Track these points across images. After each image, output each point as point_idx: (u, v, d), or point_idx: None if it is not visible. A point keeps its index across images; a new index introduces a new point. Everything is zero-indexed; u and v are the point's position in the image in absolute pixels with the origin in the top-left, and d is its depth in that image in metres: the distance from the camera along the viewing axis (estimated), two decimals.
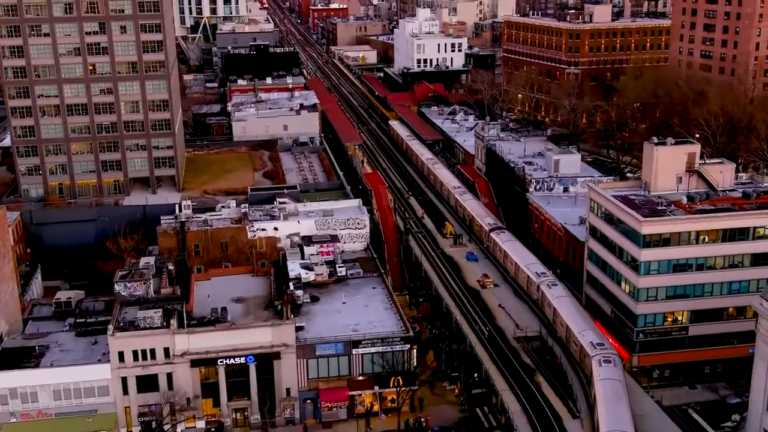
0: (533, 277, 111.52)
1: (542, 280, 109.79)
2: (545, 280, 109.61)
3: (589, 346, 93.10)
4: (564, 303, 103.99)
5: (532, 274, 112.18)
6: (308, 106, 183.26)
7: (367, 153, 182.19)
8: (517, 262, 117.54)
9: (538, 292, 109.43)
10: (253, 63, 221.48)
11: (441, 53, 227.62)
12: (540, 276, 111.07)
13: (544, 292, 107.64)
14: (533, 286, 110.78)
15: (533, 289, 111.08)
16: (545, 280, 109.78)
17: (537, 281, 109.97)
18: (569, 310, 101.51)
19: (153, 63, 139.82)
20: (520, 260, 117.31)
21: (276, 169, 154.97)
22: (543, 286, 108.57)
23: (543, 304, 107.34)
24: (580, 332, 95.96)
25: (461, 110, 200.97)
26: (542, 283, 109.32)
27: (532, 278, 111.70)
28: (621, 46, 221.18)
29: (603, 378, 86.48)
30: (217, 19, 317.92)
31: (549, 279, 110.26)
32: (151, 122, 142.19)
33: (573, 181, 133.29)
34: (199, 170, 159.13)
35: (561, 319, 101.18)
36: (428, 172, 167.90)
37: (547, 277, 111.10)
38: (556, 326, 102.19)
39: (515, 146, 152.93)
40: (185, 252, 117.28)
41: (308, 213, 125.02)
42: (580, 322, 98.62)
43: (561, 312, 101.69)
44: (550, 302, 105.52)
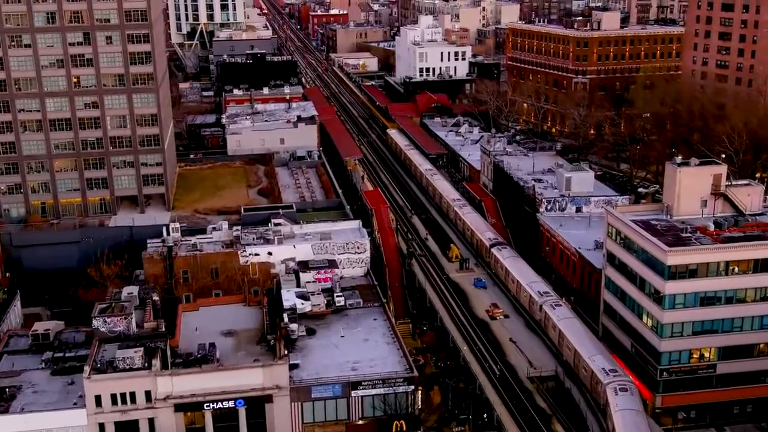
0: (536, 297, 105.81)
1: (545, 300, 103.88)
2: (548, 300, 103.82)
3: (602, 373, 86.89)
4: (570, 325, 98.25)
5: (534, 293, 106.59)
6: (306, 118, 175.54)
7: (368, 167, 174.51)
8: (519, 280, 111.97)
9: (540, 313, 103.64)
10: (250, 72, 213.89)
11: (444, 62, 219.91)
12: (543, 296, 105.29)
13: (547, 312, 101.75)
14: (536, 306, 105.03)
15: (535, 310, 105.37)
16: (548, 300, 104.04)
17: (539, 301, 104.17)
18: (577, 333, 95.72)
19: (141, 75, 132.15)
20: (522, 278, 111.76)
21: (271, 186, 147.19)
22: (546, 306, 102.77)
23: (547, 326, 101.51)
24: (590, 357, 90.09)
25: (465, 122, 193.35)
26: (545, 303, 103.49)
27: (534, 298, 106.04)
28: (630, 55, 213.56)
29: (621, 408, 79.86)
30: (215, 26, 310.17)
31: (552, 299, 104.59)
32: (139, 138, 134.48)
33: (586, 200, 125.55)
34: (191, 187, 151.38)
35: (568, 343, 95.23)
36: (427, 183, 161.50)
37: (551, 296, 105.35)
38: (563, 350, 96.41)
39: (524, 162, 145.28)
40: (173, 279, 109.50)
41: (305, 236, 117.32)
42: (589, 346, 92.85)
43: (568, 335, 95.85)
44: (554, 324, 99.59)
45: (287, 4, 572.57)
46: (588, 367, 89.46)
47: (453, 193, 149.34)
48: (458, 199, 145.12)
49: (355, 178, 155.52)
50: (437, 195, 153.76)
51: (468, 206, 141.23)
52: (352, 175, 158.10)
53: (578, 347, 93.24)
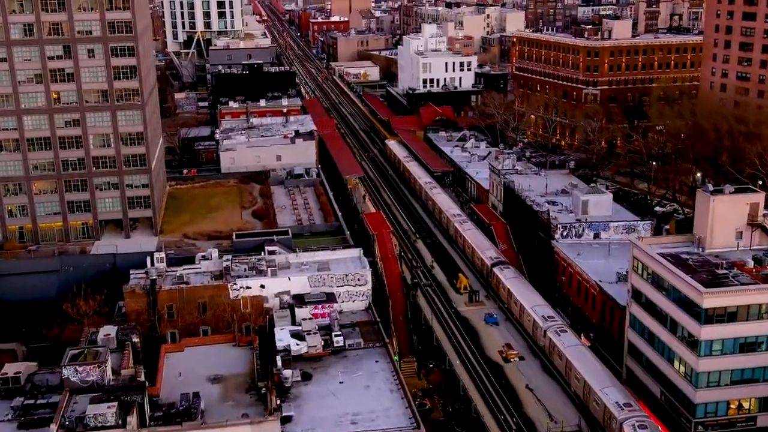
0: (539, 321, 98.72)
1: (550, 325, 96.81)
2: (553, 326, 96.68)
3: (615, 408, 79.23)
4: (578, 354, 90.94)
5: (538, 317, 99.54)
6: (304, 133, 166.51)
7: (369, 185, 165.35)
8: (522, 303, 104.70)
9: (545, 339, 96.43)
10: (246, 83, 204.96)
11: (449, 72, 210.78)
12: (547, 320, 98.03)
13: (552, 339, 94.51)
14: (539, 331, 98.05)
15: (539, 335, 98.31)
16: (553, 325, 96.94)
17: (544, 326, 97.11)
18: (586, 363, 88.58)
19: (126, 91, 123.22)
20: (526, 301, 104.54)
21: (266, 208, 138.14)
22: (551, 332, 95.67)
23: (551, 353, 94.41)
24: (601, 390, 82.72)
25: (471, 136, 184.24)
26: (550, 329, 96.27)
27: (538, 322, 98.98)
28: (643, 65, 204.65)
29: None
30: (212, 34, 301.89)
31: (558, 324, 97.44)
32: (124, 157, 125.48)
33: (605, 225, 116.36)
34: (181, 208, 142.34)
35: (576, 373, 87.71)
36: (426, 197, 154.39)
37: (556, 322, 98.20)
38: (571, 380, 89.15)
39: (535, 181, 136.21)
40: (156, 316, 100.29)
41: (301, 266, 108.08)
42: (600, 376, 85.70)
43: (576, 365, 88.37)
44: (560, 352, 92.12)
45: (287, 10, 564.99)
46: (600, 400, 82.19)
47: (453, 208, 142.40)
48: (458, 215, 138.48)
49: (356, 197, 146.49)
50: (437, 209, 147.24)
51: (468, 222, 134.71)
52: (353, 194, 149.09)
53: (588, 378, 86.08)
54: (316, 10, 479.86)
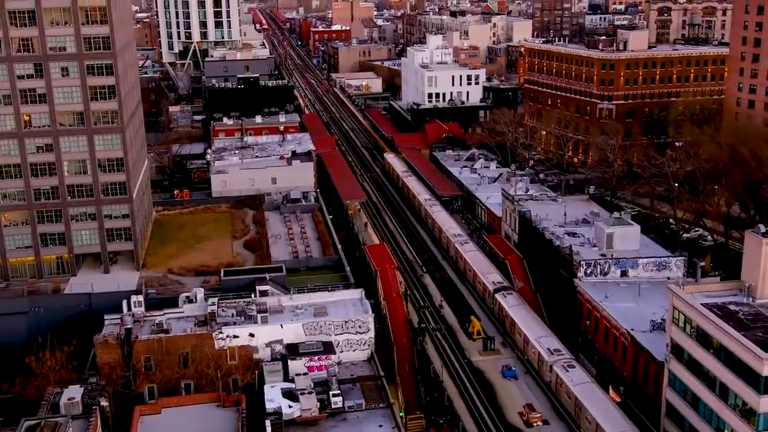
0: (545, 355, 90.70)
1: (556, 360, 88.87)
2: (560, 360, 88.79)
3: None
4: (589, 392, 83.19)
5: (543, 351, 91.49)
6: (302, 154, 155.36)
7: (371, 209, 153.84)
8: (526, 334, 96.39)
9: (551, 374, 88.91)
10: (241, 98, 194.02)
11: (455, 86, 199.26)
12: (554, 354, 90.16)
13: (559, 375, 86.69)
14: (545, 366, 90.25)
15: (545, 370, 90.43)
16: (560, 359, 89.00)
17: (549, 360, 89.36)
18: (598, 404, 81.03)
19: (104, 113, 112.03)
20: (530, 332, 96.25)
21: (259, 238, 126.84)
22: (557, 367, 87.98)
23: (559, 391, 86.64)
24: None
25: (481, 155, 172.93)
26: (556, 363, 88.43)
27: (543, 356, 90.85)
28: (661, 78, 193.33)
29: None
30: (208, 44, 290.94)
31: (565, 358, 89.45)
32: (102, 186, 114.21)
33: (633, 262, 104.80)
34: (167, 237, 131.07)
35: (587, 414, 79.76)
36: (426, 215, 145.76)
37: (563, 355, 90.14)
38: (581, 421, 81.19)
39: (552, 209, 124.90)
40: (131, 370, 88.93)
41: (295, 310, 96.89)
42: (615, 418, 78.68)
43: (587, 405, 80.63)
44: (569, 389, 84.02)
45: (288, 19, 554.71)
46: None
47: (454, 227, 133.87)
48: (459, 235, 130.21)
49: (357, 225, 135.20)
50: (436, 228, 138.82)
51: (469, 243, 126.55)
52: (354, 221, 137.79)
53: (602, 421, 77.85)
54: (317, 18, 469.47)
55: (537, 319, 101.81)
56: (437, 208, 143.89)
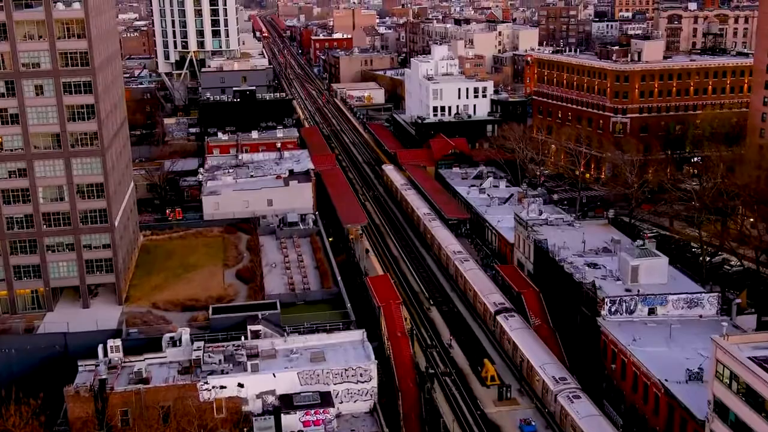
0: (550, 384, 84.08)
1: (561, 389, 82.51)
2: (565, 390, 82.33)
3: None
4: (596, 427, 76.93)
5: (548, 379, 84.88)
6: (300, 174, 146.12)
7: (374, 232, 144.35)
8: (529, 359, 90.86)
9: (555, 405, 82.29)
10: (237, 112, 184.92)
11: (462, 99, 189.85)
12: (559, 383, 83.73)
13: (564, 406, 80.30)
14: (549, 395, 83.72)
15: (550, 400, 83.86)
16: (565, 389, 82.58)
17: (554, 390, 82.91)
18: None
19: (82, 134, 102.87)
20: (534, 358, 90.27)
21: (253, 267, 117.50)
22: (562, 397, 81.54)
23: (564, 423, 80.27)
24: None
25: (489, 173, 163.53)
26: (561, 393, 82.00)
27: (548, 385, 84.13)
28: (678, 90, 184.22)
29: None
30: (206, 54, 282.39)
31: (571, 388, 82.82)
32: (81, 213, 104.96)
33: (662, 299, 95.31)
34: (154, 266, 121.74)
35: None
36: (425, 229, 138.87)
37: (569, 384, 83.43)
38: None
39: (569, 235, 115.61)
40: (105, 428, 79.45)
41: (289, 356, 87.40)
42: None
43: None
44: (574, 422, 77.56)
45: (289, 26, 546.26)
46: None
47: (454, 243, 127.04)
48: (459, 252, 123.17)
49: (358, 252, 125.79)
50: (435, 245, 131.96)
51: (470, 261, 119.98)
52: (354, 246, 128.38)
53: None
54: (318, 26, 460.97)
55: (541, 344, 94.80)
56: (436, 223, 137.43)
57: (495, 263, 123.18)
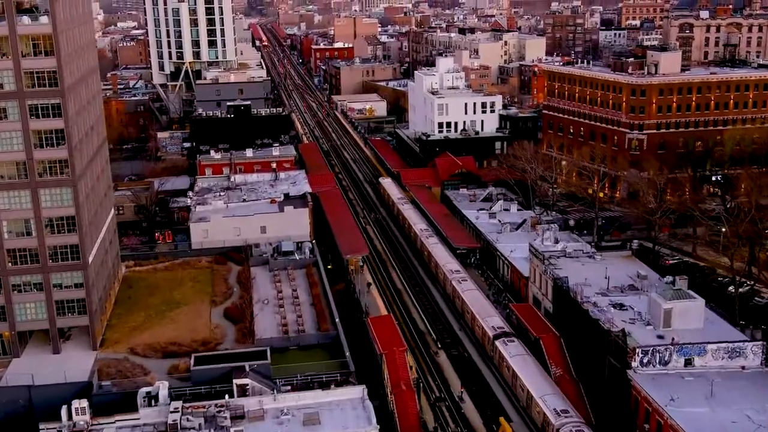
0: (551, 417, 78.33)
1: (564, 423, 77.07)
2: (568, 424, 76.78)
3: None
4: None
5: (549, 411, 79.01)
6: (296, 198, 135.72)
7: (375, 261, 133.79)
8: (529, 390, 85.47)
9: None
10: (231, 129, 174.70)
11: (469, 114, 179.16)
12: (561, 415, 78.13)
13: None
14: (550, 428, 77.94)
15: None
16: (568, 423, 77.14)
17: (556, 423, 77.41)
18: None
19: (51, 163, 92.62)
20: (535, 389, 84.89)
21: (243, 305, 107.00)
22: None
23: None
24: None
25: (499, 195, 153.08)
26: (563, 427, 77.36)
27: (549, 418, 78.28)
28: (698, 105, 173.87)
29: None
30: (201, 65, 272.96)
31: (573, 422, 78.10)
32: (50, 250, 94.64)
33: (700, 349, 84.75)
34: (135, 302, 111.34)
35: None
36: (421, 246, 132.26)
37: (571, 418, 78.71)
38: None
39: (590, 269, 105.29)
40: None
41: (279, 417, 76.98)
42: None
43: None
44: None
45: (289, 35, 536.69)
46: None
47: (451, 263, 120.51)
48: (457, 271, 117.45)
49: (360, 286, 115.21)
50: (432, 262, 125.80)
51: (468, 281, 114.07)
52: (355, 279, 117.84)
53: None
54: (318, 35, 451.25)
55: (543, 374, 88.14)
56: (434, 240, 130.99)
57: (509, 301, 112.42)
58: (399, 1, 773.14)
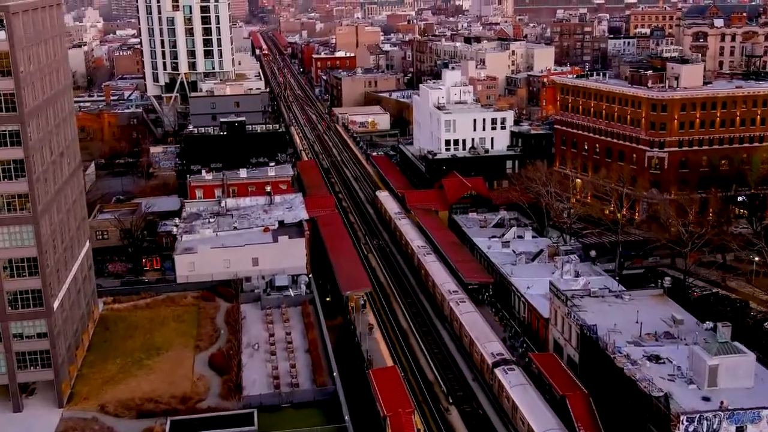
0: None
1: None
2: None
3: None
4: None
5: None
6: (291, 226, 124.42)
7: (378, 296, 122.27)
8: (530, 423, 79.19)
9: None
10: (224, 146, 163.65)
11: (478, 132, 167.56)
12: None
13: None
14: None
15: None
16: None
17: None
18: None
19: (9, 198, 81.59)
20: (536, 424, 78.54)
21: (230, 353, 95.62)
22: None
23: None
24: None
25: (512, 220, 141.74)
26: None
27: None
28: (722, 121, 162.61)
29: None
30: (197, 76, 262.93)
31: None
32: (9, 296, 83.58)
33: (754, 415, 73.39)
34: (111, 347, 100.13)
35: None
36: (418, 263, 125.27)
37: None
38: None
39: (618, 311, 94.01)
40: None
41: None
42: None
43: None
44: None
45: (290, 43, 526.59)
46: None
47: (449, 282, 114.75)
48: (455, 291, 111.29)
49: (361, 329, 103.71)
50: (429, 281, 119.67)
51: (467, 302, 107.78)
52: (355, 320, 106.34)
53: None
54: (319, 44, 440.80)
55: (546, 407, 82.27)
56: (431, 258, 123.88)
57: (527, 348, 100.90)
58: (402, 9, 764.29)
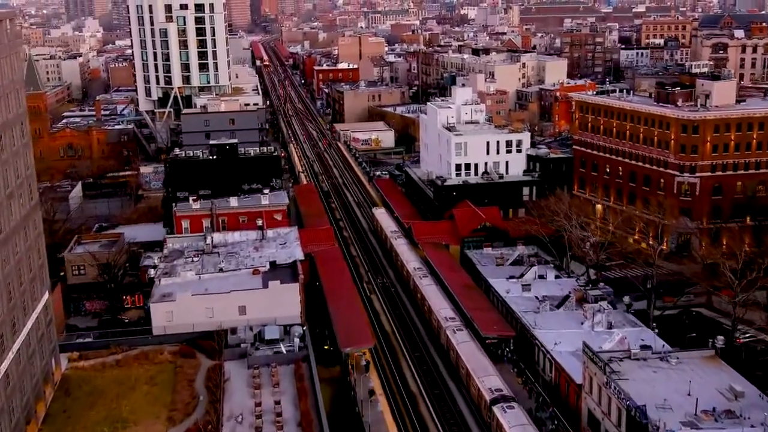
0: None
1: None
2: None
3: None
4: None
5: None
6: (284, 268, 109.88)
7: (383, 349, 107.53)
8: None
9: None
10: (214, 172, 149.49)
11: (491, 155, 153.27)
12: None
13: None
14: None
15: None
16: None
17: None
18: None
19: None
20: None
21: (209, 425, 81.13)
22: None
23: None
24: None
25: (531, 258, 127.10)
26: None
27: None
28: (759, 143, 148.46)
29: None
30: (192, 90, 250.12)
31: None
32: None
33: None
34: (70, 420, 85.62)
35: None
36: (414, 287, 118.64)
37: None
38: None
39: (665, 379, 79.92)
40: None
41: None
42: None
43: None
44: None
45: (291, 53, 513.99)
46: None
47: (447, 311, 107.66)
48: (452, 318, 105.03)
49: (362, 395, 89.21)
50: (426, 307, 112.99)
51: (464, 331, 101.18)
52: (356, 385, 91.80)
53: None
54: (321, 55, 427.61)
55: None
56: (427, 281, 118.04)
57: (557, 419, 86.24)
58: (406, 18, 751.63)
